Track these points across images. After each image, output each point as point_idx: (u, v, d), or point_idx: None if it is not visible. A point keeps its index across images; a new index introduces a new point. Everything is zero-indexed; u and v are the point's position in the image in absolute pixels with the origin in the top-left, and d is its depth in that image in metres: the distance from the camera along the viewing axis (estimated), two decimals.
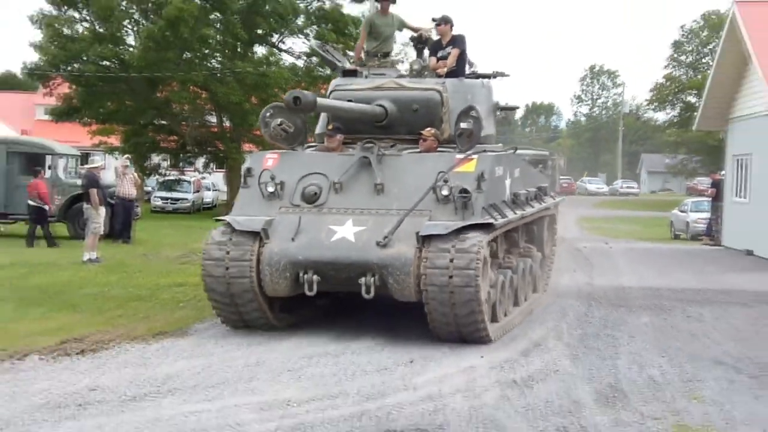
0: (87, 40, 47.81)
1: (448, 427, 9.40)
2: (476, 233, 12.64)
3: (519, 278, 15.47)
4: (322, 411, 10.07)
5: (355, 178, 13.64)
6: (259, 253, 12.99)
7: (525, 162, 17.03)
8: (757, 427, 9.73)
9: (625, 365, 12.58)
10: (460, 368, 12.17)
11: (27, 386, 10.87)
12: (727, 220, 33.18)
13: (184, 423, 9.44)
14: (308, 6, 48.58)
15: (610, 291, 20.33)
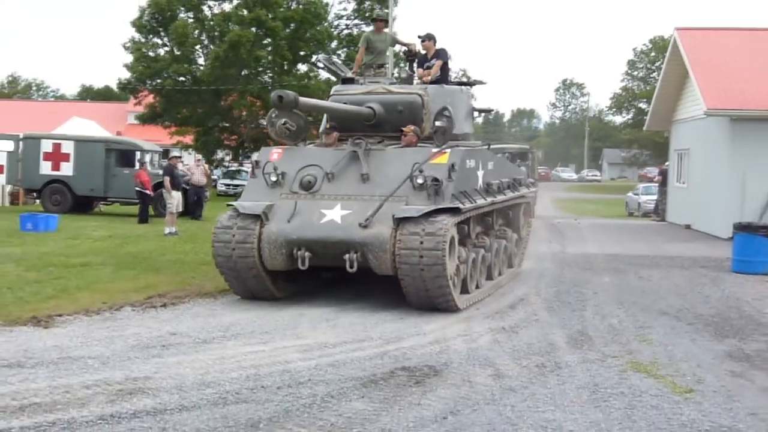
0: (167, 60, 48.06)
1: (451, 364, 9.45)
2: (444, 216, 12.13)
3: (492, 256, 14.86)
4: (351, 351, 10.13)
5: (346, 169, 13.21)
6: (260, 233, 12.59)
7: (499, 156, 16.82)
8: (692, 363, 9.78)
9: (590, 315, 12.63)
10: (459, 318, 12.22)
11: (122, 331, 11.06)
12: (670, 201, 33.26)
13: (243, 360, 9.51)
14: (340, 33, 48.52)
15: (579, 257, 20.33)
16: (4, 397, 7.95)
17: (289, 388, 8.39)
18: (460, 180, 12.99)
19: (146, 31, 48.42)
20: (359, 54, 15.93)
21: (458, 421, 7.41)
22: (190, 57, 48.76)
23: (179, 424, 7.22)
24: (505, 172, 15.89)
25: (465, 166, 13.37)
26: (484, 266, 14.40)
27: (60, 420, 7.29)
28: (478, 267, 13.93)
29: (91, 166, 31.43)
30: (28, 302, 12.77)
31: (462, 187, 13.02)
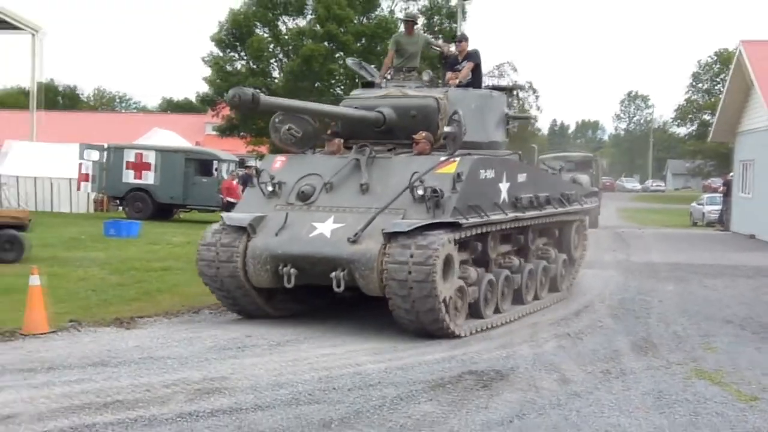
0: (243, 74, 48.43)
1: (518, 369, 9.37)
2: (440, 232, 10.52)
3: (524, 278, 13.07)
4: (420, 355, 10.10)
5: (346, 178, 11.79)
6: (246, 248, 11.39)
7: (538, 168, 14.61)
8: (757, 371, 9.58)
9: (654, 323, 12.46)
10: (525, 324, 12.16)
11: (200, 333, 11.23)
12: (735, 211, 32.92)
13: (316, 362, 9.55)
14: None
15: (643, 266, 20.10)
16: (88, 394, 8.08)
17: (360, 390, 8.40)
18: (471, 192, 11.35)
19: (224, 46, 48.89)
20: (387, 57, 14.36)
21: (524, 425, 7.36)
22: (265, 71, 49.11)
23: (254, 423, 7.27)
24: (545, 186, 13.89)
25: (478, 176, 11.65)
26: (509, 289, 12.70)
27: (142, 417, 7.38)
28: (498, 290, 12.23)
29: (171, 175, 32.00)
30: (111, 304, 13.02)
31: (474, 200, 11.37)
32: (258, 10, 46.98)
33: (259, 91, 10.43)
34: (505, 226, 12.31)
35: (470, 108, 12.70)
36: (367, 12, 46.55)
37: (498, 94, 14.02)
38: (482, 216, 11.38)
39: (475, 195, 11.42)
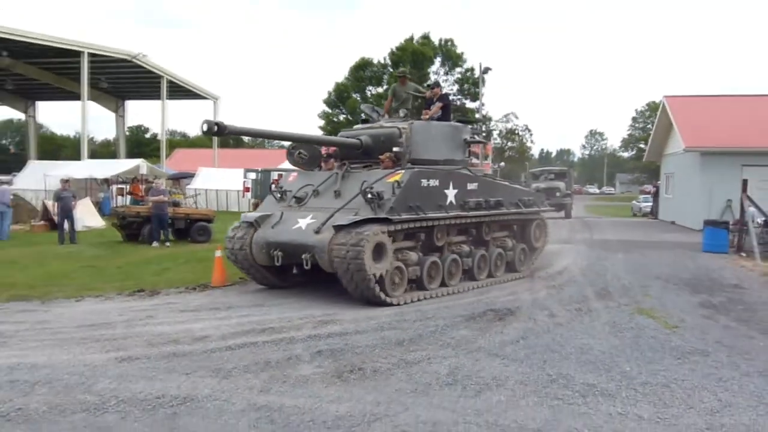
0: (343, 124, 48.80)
1: (521, 308, 9.30)
2: (375, 225, 9.45)
3: (476, 261, 11.39)
4: (458, 299, 10.10)
5: (329, 187, 10.72)
6: (252, 237, 10.60)
7: (491, 181, 12.44)
8: (677, 309, 9.38)
9: (609, 278, 12.21)
10: (526, 280, 12.03)
11: (320, 287, 11.19)
12: (661, 206, 32.34)
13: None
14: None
15: (601, 242, 19.71)
16: (252, 323, 8.25)
17: (421, 321, 8.42)
18: (411, 196, 10.05)
19: (332, 106, 49.29)
20: (387, 102, 12.76)
21: (527, 344, 7.31)
22: (358, 121, 49.27)
23: (355, 342, 7.33)
24: (499, 193, 12.09)
25: (419, 184, 10.27)
26: (458, 269, 11.06)
27: (285, 338, 7.50)
28: (444, 269, 10.67)
29: None
30: None
31: (414, 202, 10.06)
32: (353, 82, 47.24)
33: (222, 122, 9.32)
34: (450, 222, 10.77)
35: (430, 135, 11.44)
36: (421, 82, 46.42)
37: (459, 126, 12.33)
38: (418, 214, 10.06)
39: (416, 198, 10.13)
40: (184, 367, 6.29)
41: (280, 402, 5.34)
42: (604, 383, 5.92)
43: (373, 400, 5.41)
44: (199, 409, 5.20)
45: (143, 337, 7.53)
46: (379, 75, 47.47)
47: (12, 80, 36.50)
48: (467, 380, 5.96)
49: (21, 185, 26.98)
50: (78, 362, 6.45)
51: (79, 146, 37.27)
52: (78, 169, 27.51)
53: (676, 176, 29.10)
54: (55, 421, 4.93)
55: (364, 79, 47.76)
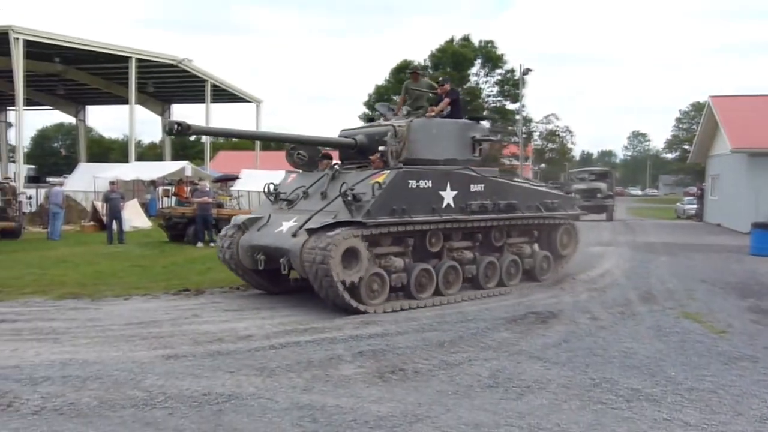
0: None
1: (563, 311, 9.19)
2: (342, 229, 8.78)
3: (481, 269, 10.62)
4: (500, 301, 10.04)
5: (317, 188, 10.02)
6: (239, 240, 10.18)
7: (502, 182, 11.21)
8: (725, 313, 9.16)
9: (654, 282, 11.97)
10: (567, 283, 11.86)
11: None
12: (707, 208, 31.57)
13: (433, 306, 9.57)
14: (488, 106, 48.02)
15: (644, 244, 19.35)
16: (294, 323, 8.35)
17: (462, 323, 8.38)
18: (395, 197, 9.30)
19: (372, 108, 49.33)
20: (400, 99, 12.09)
21: (569, 347, 7.22)
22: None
23: (396, 342, 7.34)
24: (511, 196, 11.02)
25: (407, 185, 9.49)
26: (457, 277, 10.24)
27: (327, 337, 7.55)
28: (439, 277, 9.90)
29: None
30: None
31: (399, 204, 9.32)
32: (394, 84, 47.31)
33: (185, 122, 8.85)
34: (446, 226, 10.01)
35: (430, 133, 10.55)
36: (461, 84, 46.24)
37: (466, 123, 11.23)
38: (403, 217, 9.31)
39: (402, 200, 9.36)
40: (229, 366, 6.38)
41: (322, 401, 5.38)
42: (649, 388, 5.80)
43: (415, 401, 5.40)
44: (244, 406, 5.26)
45: (189, 335, 7.66)
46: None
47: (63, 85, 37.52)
48: (509, 383, 5.91)
49: (72, 187, 27.69)
50: (127, 359, 6.60)
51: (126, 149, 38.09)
52: (126, 171, 28.13)
53: (722, 178, 28.46)
54: (106, 416, 5.05)
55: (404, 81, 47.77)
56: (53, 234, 20.01)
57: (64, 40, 27.82)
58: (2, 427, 4.79)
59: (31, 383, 5.78)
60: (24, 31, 25.48)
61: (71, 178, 31.16)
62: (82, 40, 28.73)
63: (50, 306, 9.60)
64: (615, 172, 36.50)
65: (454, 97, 11.33)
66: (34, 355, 6.75)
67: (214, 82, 36.63)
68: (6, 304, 9.68)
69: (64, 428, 4.79)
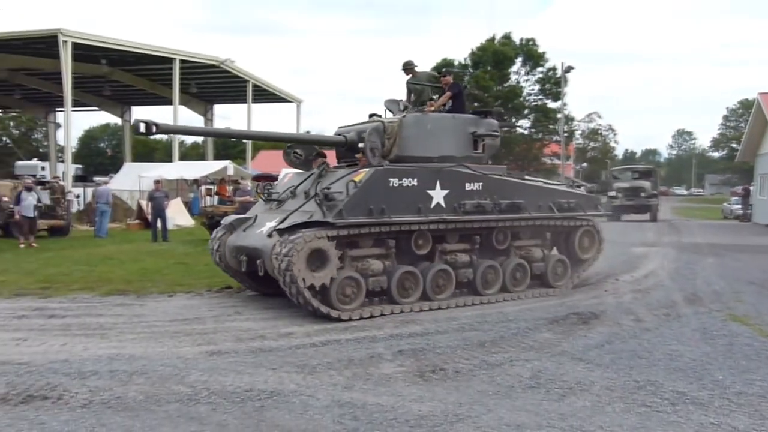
0: None
1: (606, 312, 9.05)
2: (313, 229, 8.35)
3: (479, 273, 9.88)
4: (541, 302, 9.94)
5: (304, 188, 9.52)
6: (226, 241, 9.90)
7: (508, 180, 10.38)
8: None
9: (700, 283, 11.70)
10: (610, 284, 11.67)
11: None
12: (755, 208, 30.75)
13: (473, 305, 9.52)
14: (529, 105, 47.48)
15: (690, 245, 18.94)
16: (334, 321, 8.40)
17: (503, 323, 8.33)
18: (375, 197, 8.74)
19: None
20: (406, 97, 11.30)
21: (612, 348, 7.11)
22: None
23: (436, 342, 7.33)
24: (516, 195, 10.22)
25: (386, 184, 8.91)
26: (448, 281, 9.58)
27: (367, 336, 7.59)
28: (425, 281, 9.32)
29: None
30: None
31: (380, 204, 8.75)
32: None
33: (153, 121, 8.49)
34: (437, 227, 9.37)
35: (424, 129, 9.90)
36: (502, 82, 45.91)
37: (465, 118, 10.52)
38: (381, 217, 8.75)
39: (381, 199, 8.79)
40: (271, 362, 6.46)
41: (363, 399, 5.40)
42: (695, 392, 5.68)
43: (455, 401, 5.39)
44: (285, 403, 5.32)
45: (231, 332, 7.78)
46: (459, 76, 47.23)
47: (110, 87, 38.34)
48: (551, 384, 5.85)
49: (117, 186, 28.31)
50: (171, 354, 6.73)
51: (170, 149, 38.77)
52: (169, 171, 28.61)
53: None
54: (151, 410, 5.15)
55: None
56: (100, 232, 20.51)
57: (110, 42, 28.43)
58: (53, 420, 4.93)
59: (79, 377, 5.94)
60: (72, 34, 26.12)
61: (117, 178, 31.87)
62: (128, 42, 29.33)
63: (97, 302, 9.84)
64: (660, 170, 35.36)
65: (455, 91, 10.73)
66: (82, 350, 6.93)
67: (255, 82, 37.02)
68: (55, 300, 9.97)
69: (112, 421, 4.91)
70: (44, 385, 5.71)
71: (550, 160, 48.33)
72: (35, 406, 5.22)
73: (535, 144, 46.56)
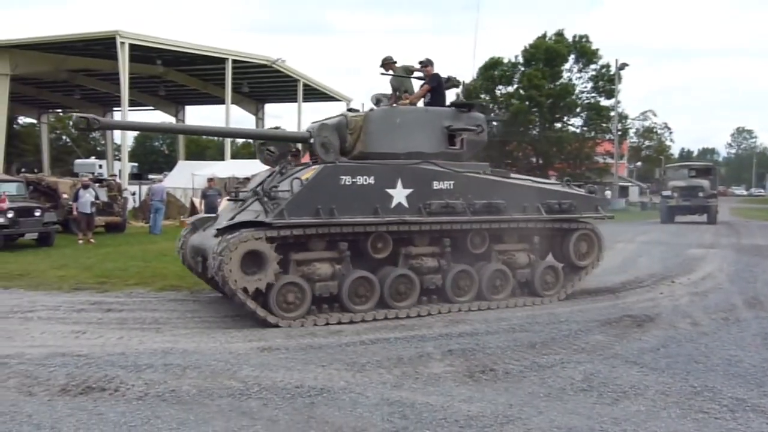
0: None
1: (661, 315, 8.83)
2: (249, 230, 7.87)
3: (449, 279, 9.07)
4: (593, 303, 9.77)
5: (266, 185, 8.76)
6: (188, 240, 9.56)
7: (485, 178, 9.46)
8: None
9: (760, 286, 11.30)
10: (666, 285, 11.39)
11: None
12: None
13: (524, 307, 9.42)
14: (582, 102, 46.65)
15: (750, 246, 18.33)
16: (385, 321, 8.42)
17: (554, 324, 8.22)
18: (323, 196, 8.11)
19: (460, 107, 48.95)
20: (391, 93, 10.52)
21: (668, 352, 6.94)
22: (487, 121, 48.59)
23: (486, 342, 7.28)
24: (495, 194, 9.28)
25: (337, 182, 8.22)
26: (411, 287, 8.84)
27: (417, 335, 7.59)
28: (383, 287, 8.61)
29: None
30: None
31: (329, 204, 8.11)
32: (482, 82, 46.90)
33: (93, 116, 8.32)
34: (399, 228, 8.60)
35: (392, 124, 9.13)
36: (554, 80, 45.26)
37: (438, 111, 9.68)
38: (328, 218, 8.11)
39: (330, 198, 8.15)
40: (320, 359, 6.52)
41: (412, 398, 5.40)
42: (756, 399, 5.50)
43: (506, 402, 5.34)
44: (335, 400, 5.36)
45: (282, 328, 7.87)
46: (509, 74, 46.73)
47: (164, 87, 39.28)
48: (603, 387, 5.75)
49: (171, 183, 28.93)
50: (223, 350, 6.86)
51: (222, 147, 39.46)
52: (222, 169, 29.08)
53: None
54: (204, 404, 5.26)
55: (494, 79, 47.17)
56: (155, 228, 21.03)
57: (165, 43, 29.12)
58: (110, 411, 5.08)
59: (135, 370, 6.11)
60: (129, 36, 26.86)
61: (171, 176, 32.57)
62: (182, 43, 29.99)
63: (152, 297, 10.11)
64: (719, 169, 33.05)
65: (434, 84, 10.03)
66: (138, 344, 7.13)
67: (305, 81, 37.38)
68: (112, 295, 10.27)
69: (166, 414, 5.03)
70: (102, 376, 5.89)
71: (602, 159, 47.41)
72: (93, 397, 5.39)
73: (588, 143, 45.71)
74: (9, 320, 8.40)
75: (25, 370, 6.08)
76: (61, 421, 4.88)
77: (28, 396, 5.41)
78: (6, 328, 7.94)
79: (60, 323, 8.27)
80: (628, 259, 14.92)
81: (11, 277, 11.74)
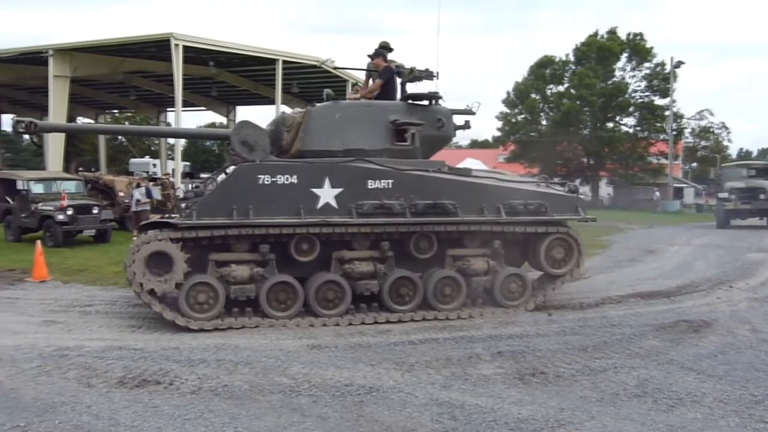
0: (522, 123, 48.01)
1: (719, 320, 8.58)
2: (156, 230, 7.76)
3: (387, 286, 8.32)
4: (647, 307, 9.55)
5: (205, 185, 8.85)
6: None
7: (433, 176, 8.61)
8: None
9: None
10: (724, 290, 11.05)
11: None
12: None
13: (575, 309, 9.28)
14: (635, 101, 45.66)
15: None
16: (434, 321, 8.40)
17: (606, 328, 8.08)
18: (239, 196, 7.73)
19: (511, 105, 48.56)
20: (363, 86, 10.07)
21: (726, 359, 6.75)
22: (536, 120, 48.11)
23: (536, 344, 7.21)
24: (443, 194, 8.43)
25: (256, 181, 7.76)
26: (340, 293, 8.20)
27: (466, 336, 7.56)
28: (308, 293, 8.11)
29: None
30: None
31: (247, 204, 7.71)
32: (534, 81, 46.37)
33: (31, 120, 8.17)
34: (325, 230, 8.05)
35: (332, 121, 8.66)
36: (606, 79, 44.47)
37: (382, 105, 9.04)
38: (243, 219, 7.69)
39: (247, 198, 7.75)
40: (369, 358, 6.55)
41: (461, 399, 5.38)
42: None
43: (557, 406, 5.28)
44: (384, 399, 5.38)
45: (331, 327, 7.94)
46: (560, 73, 46.11)
47: (216, 87, 39.99)
48: (658, 393, 5.63)
49: None
50: (274, 347, 6.95)
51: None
52: None
53: None
54: (256, 400, 5.35)
55: (544, 78, 46.62)
56: None
57: (217, 44, 29.64)
58: (165, 404, 5.21)
59: (189, 364, 6.25)
60: (183, 38, 27.43)
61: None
62: (234, 45, 30.48)
63: None
64: None
65: (386, 77, 9.36)
66: (191, 339, 7.29)
67: (354, 81, 37.60)
68: None
69: (219, 408, 5.13)
70: (157, 370, 6.04)
71: (656, 159, 46.33)
72: (149, 390, 5.54)
73: (641, 143, 44.75)
74: (69, 313, 8.69)
75: (84, 362, 6.28)
76: (118, 412, 5.02)
77: (87, 387, 5.59)
78: (66, 321, 8.22)
79: (117, 317, 8.51)
80: (684, 263, 14.55)
81: (71, 272, 12.12)
